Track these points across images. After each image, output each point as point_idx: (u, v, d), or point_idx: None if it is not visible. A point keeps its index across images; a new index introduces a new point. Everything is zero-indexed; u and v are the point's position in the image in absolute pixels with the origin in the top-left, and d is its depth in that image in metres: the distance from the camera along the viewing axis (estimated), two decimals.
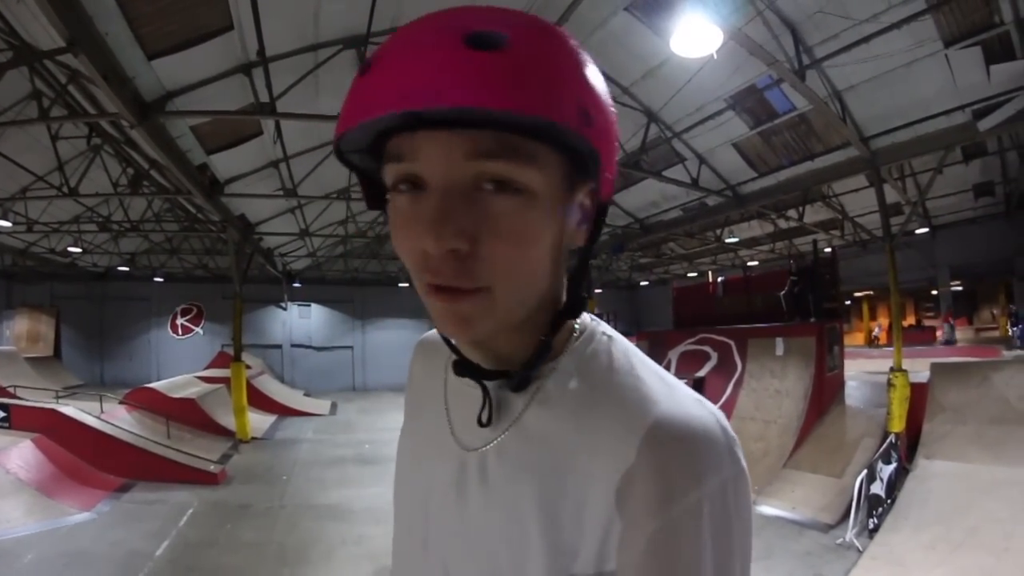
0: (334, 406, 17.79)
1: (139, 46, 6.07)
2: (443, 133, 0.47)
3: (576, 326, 0.63)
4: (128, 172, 10.77)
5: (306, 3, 6.66)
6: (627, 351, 0.61)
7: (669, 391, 0.55)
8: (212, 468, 8.98)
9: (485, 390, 0.61)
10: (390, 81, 0.46)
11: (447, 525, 0.63)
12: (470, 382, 0.62)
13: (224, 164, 9.60)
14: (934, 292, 20.05)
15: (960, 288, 20.47)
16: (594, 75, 0.52)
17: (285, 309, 23.90)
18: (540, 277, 0.54)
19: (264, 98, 6.94)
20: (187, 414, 11.41)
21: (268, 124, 8.79)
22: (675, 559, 0.48)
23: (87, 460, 8.24)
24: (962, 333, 20.14)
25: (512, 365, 0.60)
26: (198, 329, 23.24)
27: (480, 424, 0.61)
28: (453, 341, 0.63)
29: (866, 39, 6.91)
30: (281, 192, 10.79)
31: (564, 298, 0.60)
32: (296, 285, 22.77)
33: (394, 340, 24.78)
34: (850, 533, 6.42)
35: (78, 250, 15.97)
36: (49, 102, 7.22)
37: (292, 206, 13.66)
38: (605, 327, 0.65)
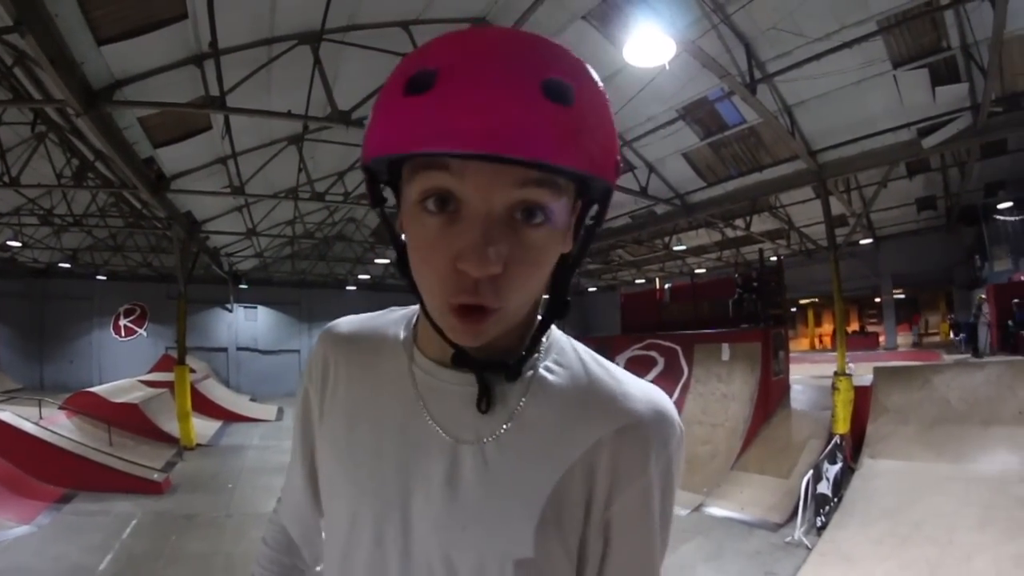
0: (280, 411, 17.31)
1: (89, 30, 5.81)
2: (497, 164, 0.49)
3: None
4: (73, 163, 10.28)
5: None
6: (584, 347, 0.72)
7: (633, 380, 0.68)
8: (156, 477, 8.63)
9: (483, 380, 0.65)
10: (470, 115, 0.47)
11: (438, 517, 0.63)
12: (449, 376, 0.66)
13: (171, 158, 9.27)
14: (877, 300, 20.93)
15: (902, 296, 21.44)
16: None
17: (231, 311, 23.22)
18: (540, 289, 0.60)
19: (215, 91, 6.72)
20: (130, 420, 10.94)
21: (217, 119, 8.52)
22: (655, 503, 0.65)
23: (25, 470, 7.77)
24: (903, 339, 21.09)
25: (501, 358, 0.64)
26: (141, 331, 22.31)
27: (480, 411, 0.64)
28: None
29: (817, 57, 7.14)
30: (228, 190, 10.48)
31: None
32: (243, 286, 22.14)
33: None
34: (799, 531, 6.61)
35: (18, 244, 15.15)
36: None
37: (239, 204, 13.30)
38: (561, 333, 0.73)
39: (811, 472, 7.06)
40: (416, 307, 0.73)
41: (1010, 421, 7.47)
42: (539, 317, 0.67)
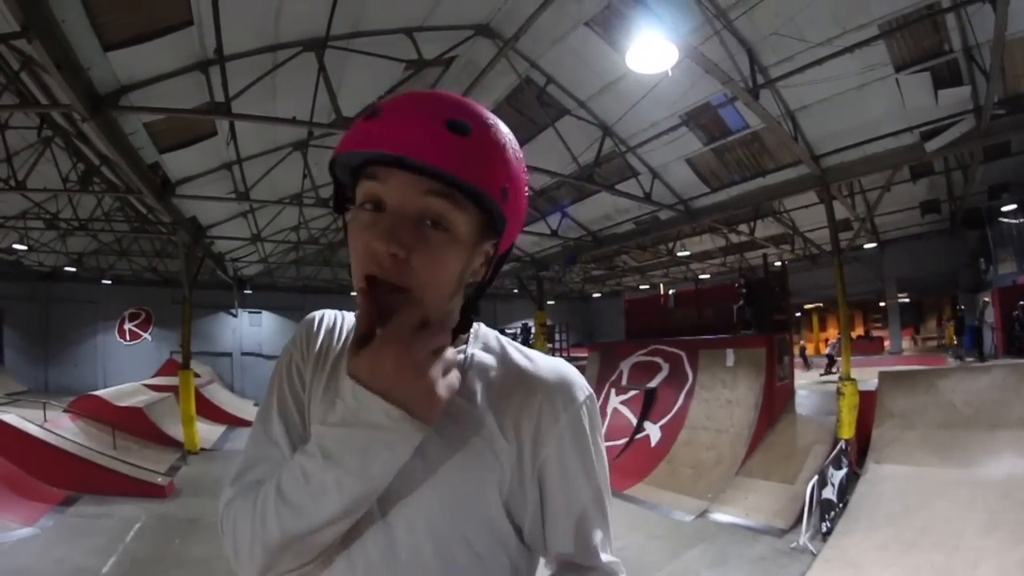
0: None
1: (96, 36, 5.82)
2: (410, 175, 0.68)
3: (472, 329, 0.87)
4: (79, 168, 10.33)
5: (268, 2, 6.53)
6: (505, 338, 0.89)
7: (544, 357, 0.85)
8: (160, 480, 8.67)
9: None
10: (394, 131, 0.68)
11: (408, 487, 0.74)
12: None
13: (176, 164, 9.30)
14: (882, 304, 20.87)
15: (907, 300, 21.36)
16: (518, 165, 0.75)
17: (235, 316, 23.25)
18: (446, 293, 0.74)
19: (220, 97, 6.75)
20: (134, 423, 11.00)
21: (223, 125, 8.56)
22: (577, 439, 0.80)
23: (30, 472, 7.83)
24: (908, 343, 21.01)
25: None
26: (146, 335, 22.39)
27: None
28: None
29: (820, 61, 7.13)
30: (233, 195, 10.51)
31: (458, 317, 0.80)
32: (247, 292, 22.12)
33: None
34: (803, 537, 6.59)
35: (23, 247, 15.22)
36: (0, 88, 6.87)
37: (244, 210, 13.29)
38: (488, 328, 0.90)
39: (816, 477, 7.04)
40: None
41: (1016, 425, 7.43)
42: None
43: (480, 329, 0.88)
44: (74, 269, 19.23)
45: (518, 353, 0.85)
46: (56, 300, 20.93)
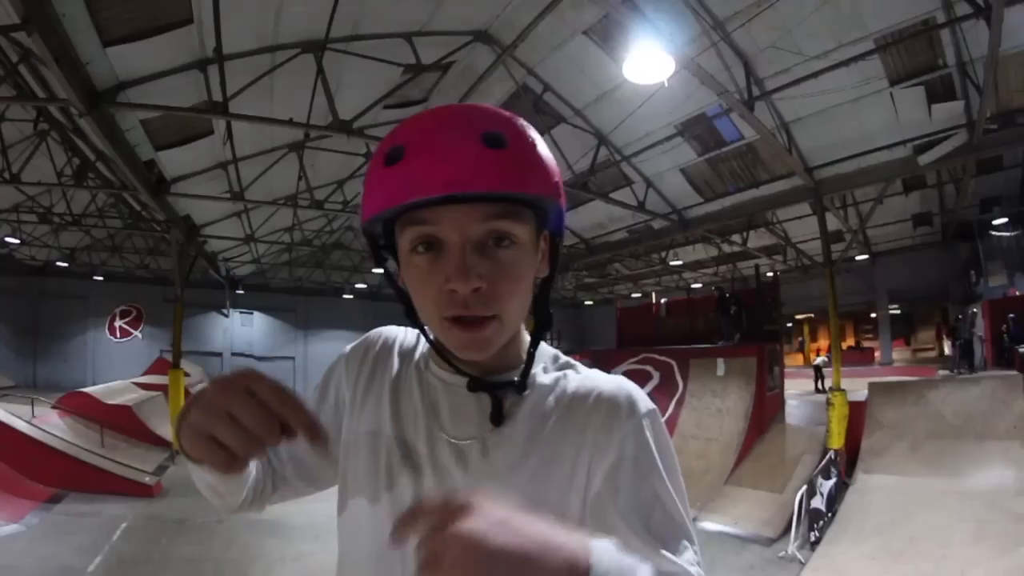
0: None
1: (96, 31, 5.83)
2: (462, 206, 0.64)
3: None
4: (74, 162, 10.28)
5: (268, 2, 6.54)
6: (559, 353, 0.87)
7: (602, 375, 0.82)
8: (147, 480, 8.59)
9: (495, 398, 0.77)
10: (430, 170, 0.63)
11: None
12: (455, 390, 0.79)
13: (172, 162, 9.28)
14: (873, 315, 20.98)
15: (898, 312, 21.48)
16: (549, 151, 0.71)
17: (227, 316, 23.07)
18: (525, 304, 0.74)
19: (218, 97, 6.75)
20: (122, 422, 10.89)
21: (219, 124, 8.56)
22: (641, 452, 0.73)
23: (16, 468, 7.73)
24: (899, 354, 21.11)
25: (498, 373, 0.78)
26: (137, 333, 22.24)
27: (494, 424, 0.76)
28: (463, 362, 0.77)
29: (815, 74, 7.21)
30: (228, 195, 10.49)
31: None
32: (239, 292, 22.05)
33: (336, 352, 24.40)
34: (792, 546, 6.60)
35: (16, 240, 15.09)
36: None
37: (239, 210, 13.28)
38: (545, 344, 0.86)
39: (805, 487, 7.07)
40: None
41: (1004, 436, 7.48)
42: (527, 336, 0.82)
43: (540, 346, 0.85)
44: (66, 264, 19.12)
45: (578, 372, 0.83)
46: (47, 295, 20.78)
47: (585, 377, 0.82)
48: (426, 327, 0.76)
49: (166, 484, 8.77)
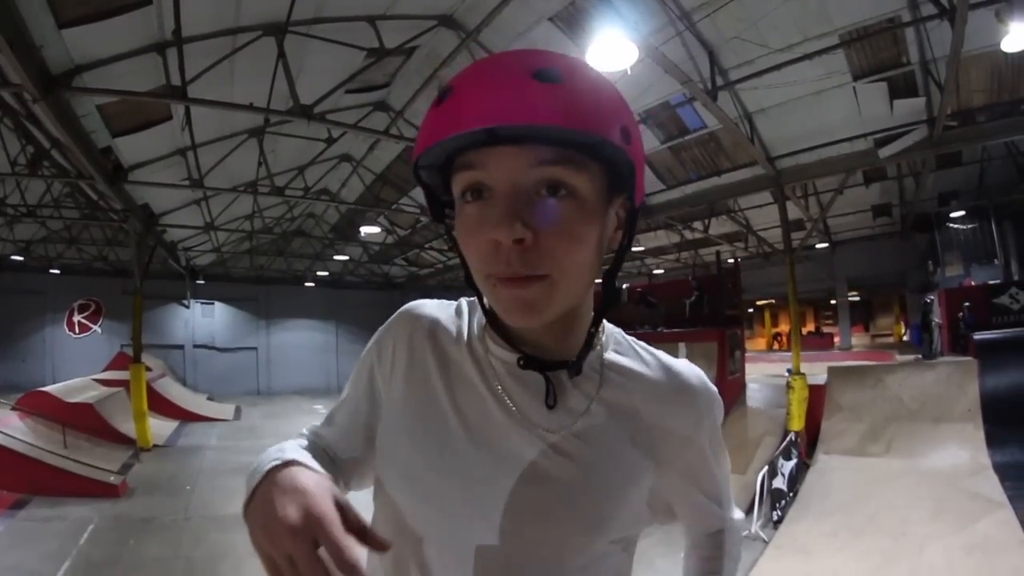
0: (238, 411, 16.94)
1: (51, 12, 5.59)
2: (510, 147, 0.58)
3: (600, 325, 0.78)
4: (28, 151, 9.85)
5: None
6: (627, 335, 0.83)
7: (675, 360, 0.81)
8: (112, 479, 8.36)
9: (548, 379, 0.72)
10: (472, 105, 0.57)
11: (531, 499, 0.69)
12: (515, 370, 0.73)
13: (129, 149, 9.00)
14: (833, 302, 21.56)
15: (857, 299, 22.13)
16: (626, 104, 0.64)
17: (188, 307, 22.52)
18: (588, 271, 0.65)
19: (176, 81, 6.55)
20: (84, 420, 10.55)
21: (177, 109, 8.30)
22: (715, 440, 0.82)
23: None
24: (858, 339, 21.75)
25: (562, 355, 0.72)
26: (96, 327, 21.47)
27: (548, 406, 0.72)
28: (515, 331, 0.73)
29: (779, 66, 7.34)
30: (187, 182, 10.23)
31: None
32: (200, 282, 21.52)
33: (300, 341, 24.21)
34: (755, 525, 6.77)
35: None
36: None
37: (198, 197, 12.97)
38: (612, 326, 0.83)
39: (766, 468, 7.25)
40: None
41: (960, 418, 7.80)
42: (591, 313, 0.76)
43: (605, 327, 0.80)
44: (21, 258, 18.33)
45: (651, 355, 0.80)
46: (2, 291, 19.93)
47: (658, 360, 0.80)
48: (478, 290, 0.69)
49: (131, 483, 8.58)
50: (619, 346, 0.79)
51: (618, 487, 0.72)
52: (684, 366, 0.80)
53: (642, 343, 0.82)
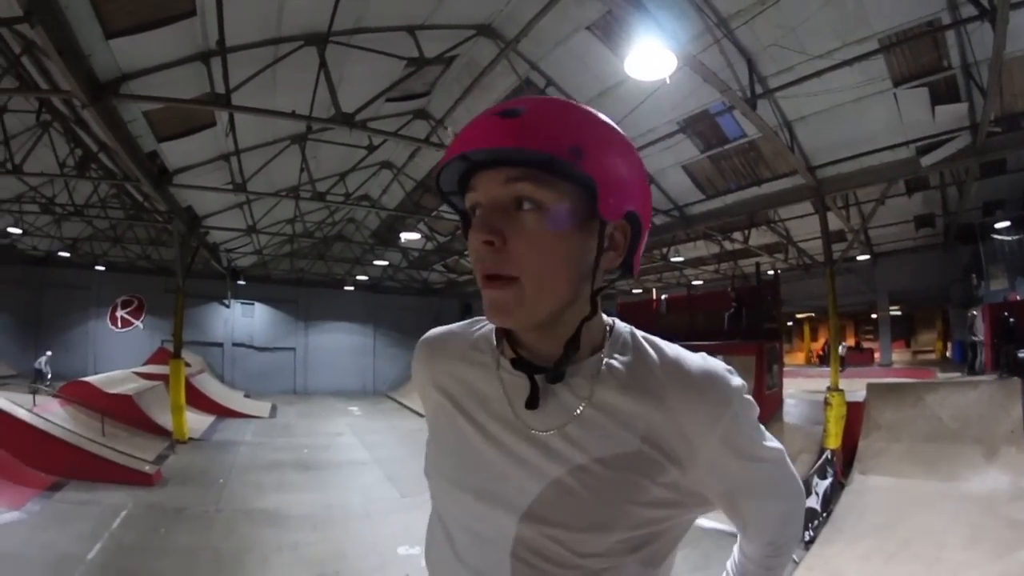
0: (274, 409, 17.31)
1: (98, 23, 5.84)
2: (490, 171, 0.73)
3: (607, 325, 0.85)
4: (76, 153, 10.28)
5: None
6: (644, 334, 0.85)
7: (686, 353, 0.81)
8: (147, 469, 8.62)
9: (532, 381, 0.79)
10: (456, 142, 0.73)
11: (533, 500, 0.76)
12: (523, 378, 0.80)
13: (174, 153, 9.30)
14: (873, 316, 20.96)
15: (899, 313, 21.46)
16: (594, 125, 0.73)
17: (228, 307, 23.14)
18: (559, 280, 0.73)
19: (220, 89, 6.76)
20: (123, 411, 10.93)
21: (222, 116, 8.56)
22: (737, 441, 0.79)
23: (17, 456, 7.75)
24: (899, 355, 21.10)
25: (552, 361, 0.78)
26: (138, 322, 22.25)
27: (528, 407, 0.79)
28: (504, 335, 0.84)
29: (819, 73, 7.19)
30: (230, 186, 10.51)
31: (588, 309, 0.79)
32: (240, 283, 22.09)
33: (337, 343, 24.59)
34: None
35: (18, 231, 15.13)
36: (0, 72, 6.84)
37: (240, 201, 13.32)
38: (623, 324, 0.87)
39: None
40: None
41: (1002, 440, 7.48)
42: (602, 321, 0.84)
43: (616, 329, 0.85)
44: (68, 254, 19.12)
45: (661, 354, 0.81)
46: (49, 285, 20.81)
47: (668, 359, 0.80)
48: None
49: (166, 473, 8.82)
50: (624, 348, 0.82)
51: (610, 486, 0.75)
52: (696, 363, 0.80)
53: (659, 341, 0.84)
